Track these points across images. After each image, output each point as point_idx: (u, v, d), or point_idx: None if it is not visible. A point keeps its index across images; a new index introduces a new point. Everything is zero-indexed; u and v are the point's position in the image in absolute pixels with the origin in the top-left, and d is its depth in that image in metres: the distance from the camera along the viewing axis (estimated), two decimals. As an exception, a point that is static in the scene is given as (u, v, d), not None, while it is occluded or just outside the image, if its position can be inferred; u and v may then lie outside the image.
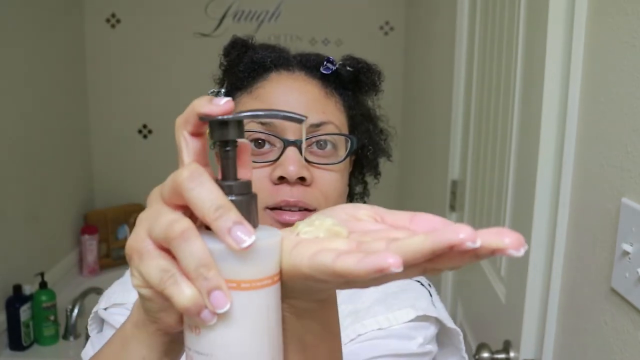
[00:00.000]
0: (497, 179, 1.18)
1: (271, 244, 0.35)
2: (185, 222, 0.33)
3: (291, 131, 0.66)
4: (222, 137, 0.36)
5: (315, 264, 0.32)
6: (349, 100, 0.73)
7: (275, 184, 0.65)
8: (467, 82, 1.48)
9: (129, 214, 2.49)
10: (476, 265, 1.31)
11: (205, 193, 0.33)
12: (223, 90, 0.74)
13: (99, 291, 1.85)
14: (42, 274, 1.86)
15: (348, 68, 0.72)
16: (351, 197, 0.79)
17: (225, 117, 0.35)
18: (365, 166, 0.78)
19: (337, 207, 0.40)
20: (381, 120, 0.79)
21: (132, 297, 0.71)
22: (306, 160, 0.66)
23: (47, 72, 2.15)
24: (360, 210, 0.38)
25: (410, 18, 2.50)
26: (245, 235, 0.32)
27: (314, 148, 0.67)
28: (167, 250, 0.34)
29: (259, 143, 0.66)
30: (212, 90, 0.75)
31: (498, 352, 1.04)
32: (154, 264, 0.34)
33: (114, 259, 2.44)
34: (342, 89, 0.73)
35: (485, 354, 1.03)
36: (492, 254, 0.29)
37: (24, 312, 1.77)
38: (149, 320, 0.39)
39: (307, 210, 0.65)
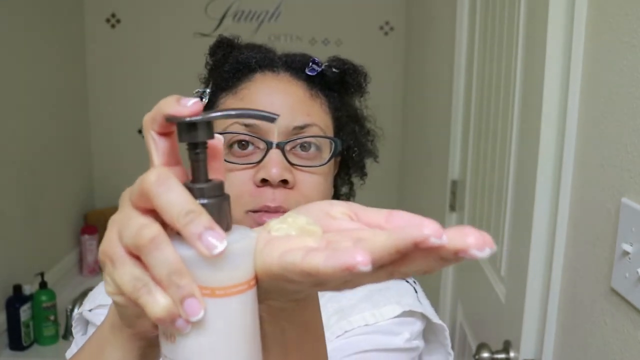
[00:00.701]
0: (497, 179, 1.18)
1: (245, 246, 0.34)
2: (155, 228, 0.32)
3: (275, 133, 0.65)
4: (190, 139, 0.34)
5: (284, 262, 0.32)
6: (335, 101, 0.73)
7: (258, 186, 0.64)
8: (467, 82, 1.49)
9: (129, 214, 2.48)
10: (476, 265, 1.31)
11: (174, 197, 0.32)
12: (208, 90, 0.73)
13: (99, 291, 1.85)
14: (42, 274, 1.86)
15: (334, 69, 0.71)
16: (337, 198, 0.78)
17: (193, 118, 0.33)
18: (351, 167, 0.78)
19: (311, 204, 0.38)
20: (368, 121, 0.79)
21: None
22: (289, 162, 0.65)
23: (47, 71, 2.15)
24: (335, 207, 0.37)
25: (411, 18, 2.50)
26: (216, 241, 0.31)
27: (298, 150, 0.67)
28: (137, 257, 0.33)
29: (242, 144, 0.66)
30: (197, 90, 0.74)
31: (498, 352, 1.04)
32: (127, 272, 0.33)
33: (114, 259, 2.44)
34: (328, 90, 0.72)
35: (485, 354, 1.03)
36: (456, 255, 0.28)
37: (24, 312, 1.77)
38: (124, 324, 0.38)
39: None
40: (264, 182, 0.64)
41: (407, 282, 0.76)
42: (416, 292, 0.75)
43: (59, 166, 2.27)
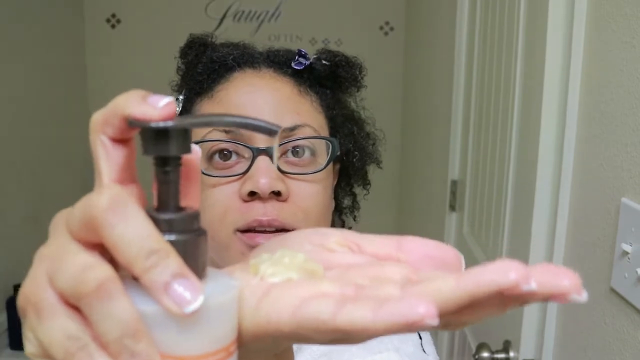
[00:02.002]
0: (497, 179, 1.18)
1: (226, 302, 0.25)
2: (103, 271, 0.23)
3: (261, 138, 0.56)
4: (159, 151, 0.26)
5: (305, 319, 0.24)
6: (327, 99, 0.64)
7: (246, 200, 0.55)
8: (467, 82, 1.49)
9: (130, 213, 2.49)
10: (476, 264, 1.31)
11: (132, 231, 0.23)
12: (181, 97, 0.64)
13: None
14: (42, 274, 1.87)
15: (324, 62, 0.63)
16: (339, 212, 0.70)
17: (165, 124, 0.25)
18: (352, 175, 0.69)
19: (294, 234, 0.31)
20: (367, 123, 0.70)
21: None
22: (280, 170, 0.56)
23: (48, 72, 2.15)
24: (330, 238, 0.29)
25: (410, 18, 2.50)
26: (190, 294, 0.23)
27: (289, 156, 0.58)
28: (75, 307, 0.24)
29: (224, 154, 0.57)
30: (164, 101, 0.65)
31: (498, 351, 1.04)
32: (58, 327, 0.23)
33: (115, 259, 2.45)
34: (319, 87, 0.63)
35: (485, 354, 1.03)
36: (546, 300, 0.22)
37: (25, 312, 1.77)
38: None
39: (284, 230, 0.55)
40: (252, 195, 0.55)
41: None
42: (420, 337, 0.65)
43: (59, 166, 2.28)
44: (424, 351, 0.63)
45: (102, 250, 0.24)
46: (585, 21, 0.81)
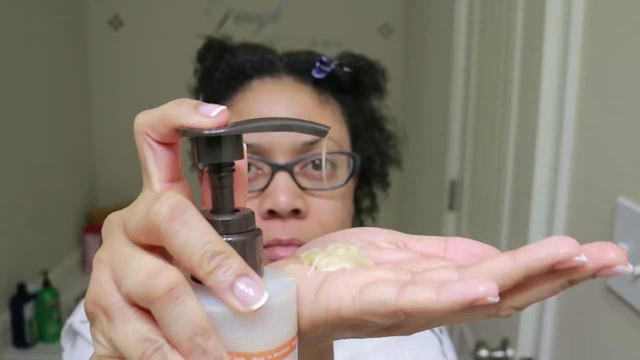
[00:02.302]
0: (495, 178, 1.19)
1: (286, 299, 0.26)
2: (172, 275, 0.24)
3: (281, 153, 0.54)
4: (214, 159, 0.26)
5: (368, 303, 0.25)
6: (349, 106, 0.62)
7: (265, 218, 0.54)
8: (465, 83, 1.49)
9: (131, 213, 2.49)
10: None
11: (195, 237, 0.24)
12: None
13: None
14: (45, 273, 1.88)
15: (345, 69, 0.60)
16: (358, 213, 0.69)
17: (220, 131, 0.25)
18: (373, 179, 0.68)
19: (345, 231, 0.31)
20: (388, 122, 0.68)
21: None
22: (300, 186, 0.55)
23: (50, 72, 2.16)
24: (380, 236, 0.30)
25: (410, 20, 2.51)
26: (254, 292, 0.24)
27: (309, 170, 0.56)
28: (143, 309, 0.25)
29: None
30: None
31: (496, 349, 1.04)
32: (131, 330, 0.24)
33: (116, 258, 2.45)
34: (340, 94, 0.61)
35: (483, 352, 1.04)
36: (594, 275, 0.23)
37: (28, 310, 1.78)
38: None
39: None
40: (272, 212, 0.54)
41: (432, 330, 0.64)
42: (441, 343, 0.64)
43: (62, 166, 2.28)
44: (445, 356, 0.62)
45: (160, 251, 0.25)
46: (583, 21, 0.82)
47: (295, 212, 0.54)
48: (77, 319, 0.67)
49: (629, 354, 0.69)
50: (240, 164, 0.29)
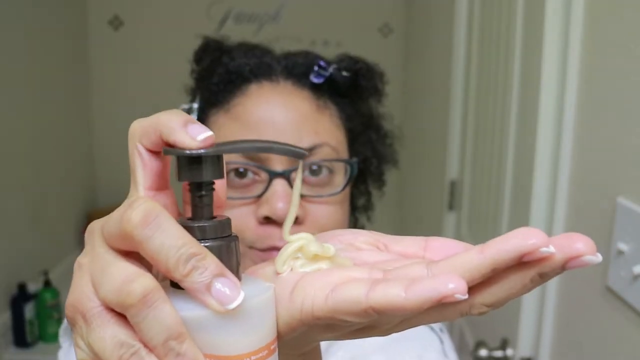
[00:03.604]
0: (495, 178, 1.19)
1: (264, 301, 0.26)
2: (146, 282, 0.24)
3: (278, 160, 0.54)
4: (194, 177, 0.27)
5: (339, 301, 0.25)
6: (347, 109, 0.62)
7: (262, 223, 0.54)
8: (465, 83, 1.50)
9: (131, 213, 2.50)
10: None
11: (169, 241, 0.24)
12: (196, 105, 0.61)
13: (102, 290, 1.86)
14: (46, 273, 1.88)
15: (344, 73, 0.60)
16: (353, 211, 0.70)
17: (200, 152, 0.26)
18: (369, 179, 0.68)
19: (327, 234, 0.31)
20: (384, 120, 0.68)
21: None
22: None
23: (50, 73, 2.16)
24: (359, 237, 0.30)
25: (410, 20, 2.51)
26: (230, 291, 0.24)
27: (307, 176, 0.56)
28: (121, 314, 0.25)
29: (239, 173, 0.55)
30: (182, 106, 0.62)
31: (495, 349, 1.05)
32: (108, 335, 0.25)
33: (116, 258, 2.45)
34: (338, 97, 0.61)
35: (483, 351, 1.04)
36: (563, 266, 0.23)
37: (29, 310, 1.78)
38: None
39: None
40: (269, 219, 0.54)
41: (433, 330, 0.65)
42: (442, 342, 0.64)
43: (62, 166, 2.29)
44: (446, 356, 0.62)
45: (137, 257, 0.26)
46: (582, 21, 0.82)
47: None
48: None
49: (629, 354, 0.69)
50: (220, 184, 0.29)
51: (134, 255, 0.26)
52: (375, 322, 0.27)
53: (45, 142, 2.12)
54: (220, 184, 0.29)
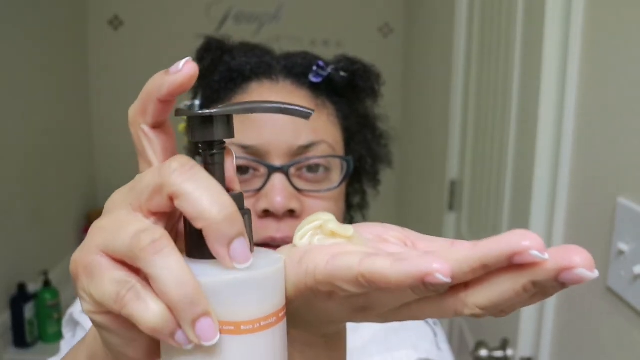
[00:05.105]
0: (495, 179, 1.19)
1: (273, 271, 0.28)
2: (156, 230, 0.26)
3: (277, 155, 0.56)
4: (205, 136, 0.28)
5: (335, 268, 0.26)
6: (344, 109, 0.64)
7: (260, 217, 0.56)
8: (465, 83, 1.50)
9: (131, 213, 2.50)
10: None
11: (205, 192, 0.25)
12: (197, 102, 0.64)
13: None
14: (46, 273, 1.88)
15: (342, 73, 0.62)
16: (348, 209, 0.72)
17: (211, 111, 0.28)
18: (364, 177, 0.70)
19: (362, 226, 0.32)
20: (380, 121, 0.71)
21: None
22: (295, 188, 0.57)
23: (50, 73, 2.16)
24: (389, 232, 0.31)
25: (410, 20, 2.51)
26: (245, 252, 0.26)
27: (304, 173, 0.58)
28: (119, 261, 0.26)
29: (240, 169, 0.57)
30: (184, 104, 0.64)
31: (495, 349, 1.05)
32: (107, 278, 0.26)
33: (116, 258, 2.46)
34: (336, 97, 0.63)
35: (483, 352, 1.04)
36: (556, 277, 0.22)
37: (28, 310, 1.78)
38: (109, 355, 0.30)
39: None
40: (267, 212, 0.56)
41: (427, 323, 0.68)
42: (435, 335, 0.66)
43: (62, 166, 2.29)
44: (439, 348, 0.64)
45: (161, 218, 0.27)
46: (582, 22, 0.82)
47: (291, 212, 0.56)
48: (78, 309, 0.68)
49: (629, 354, 0.69)
50: (229, 150, 0.30)
51: (157, 216, 0.27)
52: (371, 302, 0.28)
53: (45, 142, 2.12)
54: (228, 150, 0.30)
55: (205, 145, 0.29)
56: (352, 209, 0.72)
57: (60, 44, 2.27)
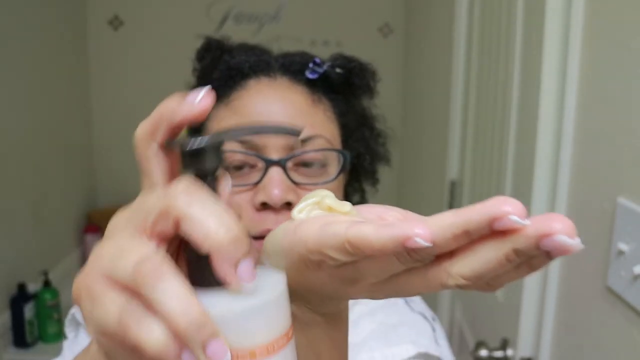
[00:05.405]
0: (495, 179, 1.19)
1: (280, 294, 0.28)
2: (161, 257, 0.25)
3: (274, 148, 0.57)
4: (198, 166, 0.29)
5: (325, 234, 0.27)
6: (341, 105, 0.64)
7: (258, 210, 0.56)
8: (465, 84, 1.50)
9: (131, 213, 2.50)
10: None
11: (211, 215, 0.26)
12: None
13: (101, 290, 1.86)
14: (46, 273, 1.88)
15: (338, 70, 0.63)
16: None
17: (199, 144, 0.28)
18: (362, 175, 0.71)
19: (363, 207, 0.33)
20: (377, 121, 0.71)
21: None
22: (293, 181, 0.57)
23: (50, 73, 2.16)
24: (390, 212, 0.32)
25: (410, 20, 2.51)
26: (250, 273, 0.26)
27: (301, 166, 0.59)
28: (132, 292, 0.26)
29: (238, 162, 0.58)
30: None
31: (495, 349, 1.05)
32: (109, 301, 0.25)
33: (116, 258, 2.46)
34: (332, 94, 0.64)
35: (483, 352, 1.04)
36: (537, 244, 0.22)
37: (28, 310, 1.78)
38: None
39: None
40: (265, 205, 0.56)
41: (426, 318, 0.69)
42: (434, 330, 0.68)
43: (62, 166, 2.29)
44: (438, 344, 0.65)
45: (163, 242, 0.27)
46: (582, 22, 0.82)
47: (288, 205, 0.57)
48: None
49: (629, 353, 0.69)
50: (222, 173, 0.31)
51: (159, 240, 0.27)
52: (359, 273, 0.28)
53: (45, 142, 2.12)
54: (223, 189, 0.30)
55: (199, 174, 0.29)
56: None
57: (60, 44, 2.27)
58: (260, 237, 0.56)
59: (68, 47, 2.36)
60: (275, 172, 0.56)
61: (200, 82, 0.67)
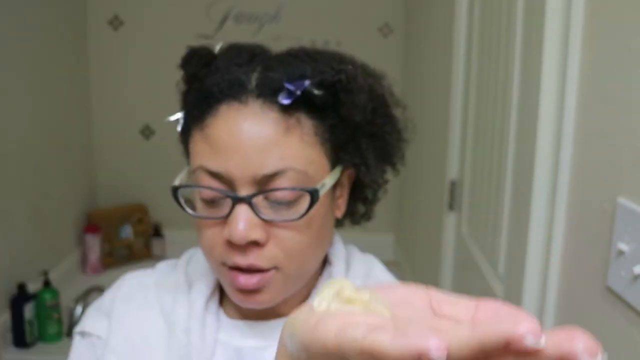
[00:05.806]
0: (495, 178, 1.19)
1: None
2: None
3: (242, 184, 0.55)
4: None
5: (342, 340, 0.28)
6: (328, 120, 0.58)
7: (226, 244, 0.57)
8: (465, 84, 1.50)
9: (132, 213, 2.51)
10: (474, 263, 1.32)
11: None
12: (181, 116, 0.62)
13: (101, 290, 1.87)
14: (45, 273, 1.88)
15: (315, 92, 0.56)
16: (354, 219, 0.70)
17: None
18: (364, 185, 0.68)
19: (386, 285, 0.33)
20: (388, 107, 0.68)
21: (100, 327, 0.66)
22: (260, 217, 0.56)
23: (50, 73, 2.17)
24: (416, 295, 0.32)
25: (410, 20, 2.51)
26: None
27: (270, 202, 0.56)
28: None
29: (210, 197, 0.57)
30: (178, 118, 0.63)
31: (496, 349, 1.05)
32: None
33: (117, 258, 2.46)
34: (315, 112, 0.58)
35: (484, 352, 1.04)
36: None
37: (28, 310, 1.78)
38: None
39: (263, 270, 0.57)
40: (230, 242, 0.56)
41: None
42: None
43: (62, 166, 2.29)
44: None
45: None
46: (583, 20, 0.82)
47: (254, 243, 0.56)
48: (78, 327, 0.69)
49: (629, 353, 0.69)
50: None
51: None
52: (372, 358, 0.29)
53: (45, 142, 2.12)
54: None
55: None
56: (355, 217, 0.71)
57: (60, 44, 2.27)
58: (234, 268, 0.57)
59: (68, 47, 2.36)
60: (240, 210, 0.55)
61: (183, 97, 0.64)
